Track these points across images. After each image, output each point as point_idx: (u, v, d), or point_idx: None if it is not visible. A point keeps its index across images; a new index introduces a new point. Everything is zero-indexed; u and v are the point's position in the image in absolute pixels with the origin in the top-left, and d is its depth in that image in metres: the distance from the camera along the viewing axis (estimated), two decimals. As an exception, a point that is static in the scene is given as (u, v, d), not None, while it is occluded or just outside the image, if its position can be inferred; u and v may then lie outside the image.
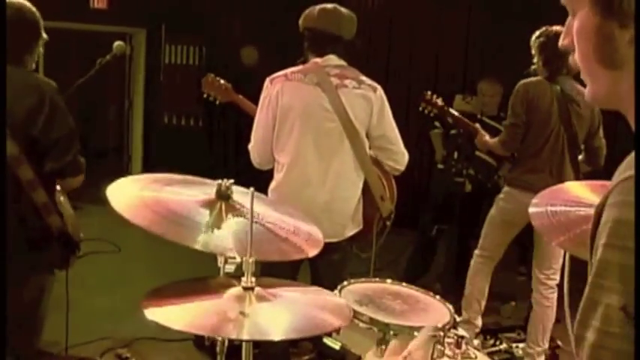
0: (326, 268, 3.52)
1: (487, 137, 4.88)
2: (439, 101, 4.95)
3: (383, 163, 3.68)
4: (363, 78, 3.61)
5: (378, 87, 3.61)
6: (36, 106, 2.96)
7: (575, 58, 1.10)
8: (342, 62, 3.60)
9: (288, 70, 3.59)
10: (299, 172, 3.51)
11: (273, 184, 3.58)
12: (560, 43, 1.13)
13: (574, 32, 1.08)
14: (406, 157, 3.68)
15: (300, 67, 3.61)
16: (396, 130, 3.67)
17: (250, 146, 3.62)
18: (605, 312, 0.94)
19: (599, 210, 1.00)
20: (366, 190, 3.65)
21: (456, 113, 5.15)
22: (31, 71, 3.14)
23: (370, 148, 3.64)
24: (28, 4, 3.13)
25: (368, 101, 3.55)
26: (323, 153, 3.51)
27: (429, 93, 4.98)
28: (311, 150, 3.50)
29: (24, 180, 2.98)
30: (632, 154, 1.01)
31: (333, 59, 3.57)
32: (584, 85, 1.12)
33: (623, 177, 0.97)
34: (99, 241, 6.27)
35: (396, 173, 3.75)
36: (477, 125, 5.03)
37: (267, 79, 3.58)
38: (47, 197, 3.05)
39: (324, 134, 3.51)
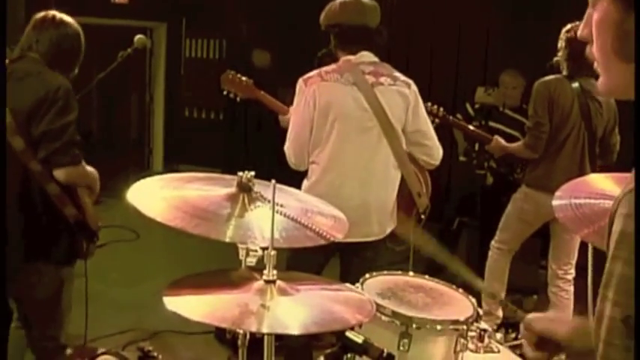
0: (359, 265, 3.49)
1: (503, 142, 4.83)
2: (440, 111, 4.89)
3: (417, 158, 3.65)
4: (397, 74, 3.57)
5: (412, 82, 3.58)
6: (39, 103, 2.99)
7: (593, 49, 1.10)
8: (375, 59, 3.56)
9: (322, 70, 3.53)
10: (337, 173, 3.46)
11: (307, 184, 3.53)
12: (579, 33, 1.13)
13: (593, 23, 1.08)
14: (440, 151, 3.65)
15: (334, 66, 3.55)
16: (430, 125, 3.65)
17: (286, 147, 3.56)
18: (609, 324, 0.95)
19: (612, 218, 1.02)
20: (402, 186, 3.62)
21: (458, 121, 5.09)
22: (49, 69, 3.14)
23: (405, 145, 3.61)
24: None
25: (404, 97, 3.52)
26: (362, 153, 3.48)
27: (429, 104, 4.90)
28: (350, 150, 3.46)
29: (36, 172, 3.01)
30: None
31: (366, 56, 3.54)
32: None
33: (631, 187, 0.97)
34: (119, 229, 6.26)
35: (430, 167, 3.72)
36: (482, 132, 4.98)
37: (301, 80, 3.52)
38: (60, 189, 3.07)
39: (363, 134, 3.47)
